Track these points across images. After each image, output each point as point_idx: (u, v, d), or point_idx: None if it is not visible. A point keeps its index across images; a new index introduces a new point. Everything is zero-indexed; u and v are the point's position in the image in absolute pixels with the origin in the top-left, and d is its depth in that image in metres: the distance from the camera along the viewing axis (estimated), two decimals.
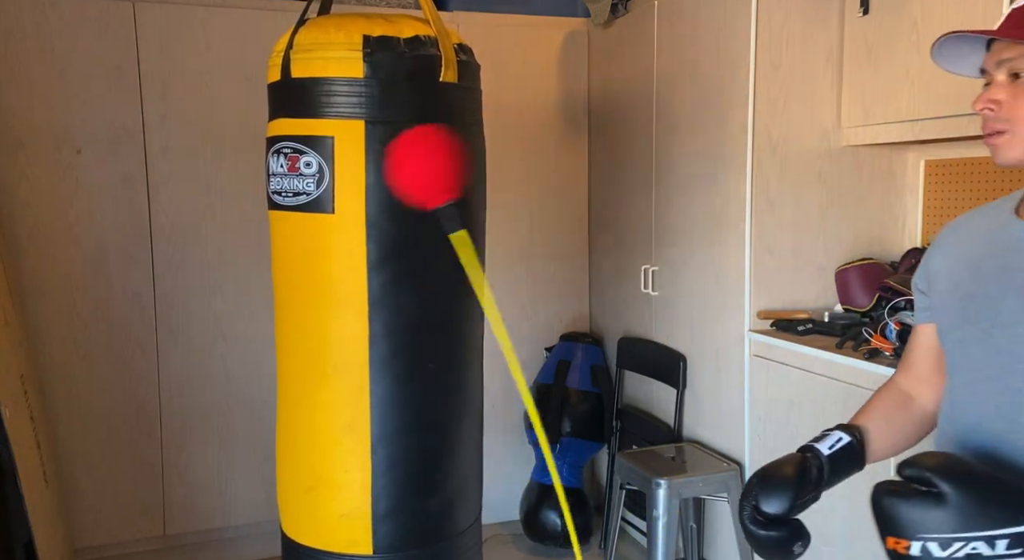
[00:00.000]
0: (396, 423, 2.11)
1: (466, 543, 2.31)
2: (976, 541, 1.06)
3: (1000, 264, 1.37)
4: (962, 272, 1.45)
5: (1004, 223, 1.41)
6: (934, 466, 1.11)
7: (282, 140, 2.05)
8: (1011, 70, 1.29)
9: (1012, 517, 1.07)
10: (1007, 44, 1.30)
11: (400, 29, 2.01)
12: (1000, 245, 1.39)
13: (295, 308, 2.14)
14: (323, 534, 2.17)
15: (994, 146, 1.33)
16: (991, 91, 1.32)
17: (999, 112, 1.30)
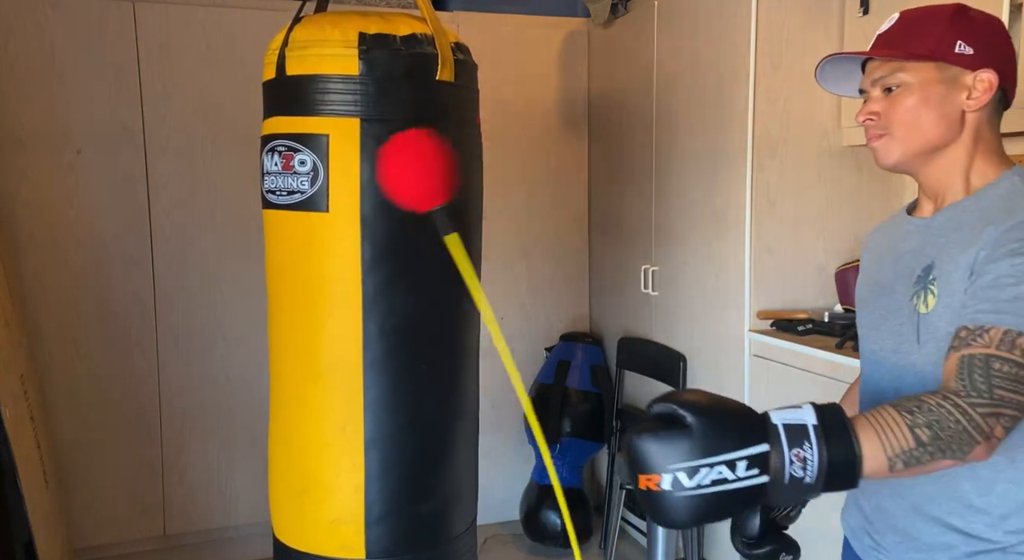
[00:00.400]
0: (390, 425, 2.09)
1: (461, 548, 2.28)
2: (720, 466, 1.09)
3: (893, 254, 1.55)
4: (871, 265, 1.64)
5: (898, 219, 1.61)
6: (677, 400, 1.14)
7: (276, 138, 2.03)
8: (884, 86, 1.45)
9: (747, 439, 1.11)
10: (878, 63, 1.46)
11: (396, 27, 2.00)
12: (894, 236, 1.58)
13: (289, 308, 2.12)
14: (315, 538, 2.15)
15: (876, 149, 1.48)
16: (870, 104, 1.47)
17: (878, 121, 1.46)
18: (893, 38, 1.46)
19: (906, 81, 1.43)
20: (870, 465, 1.15)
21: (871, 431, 1.17)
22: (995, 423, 1.19)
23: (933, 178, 1.47)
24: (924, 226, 1.49)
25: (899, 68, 1.43)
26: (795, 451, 1.12)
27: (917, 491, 1.44)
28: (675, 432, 1.11)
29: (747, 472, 1.10)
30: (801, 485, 1.12)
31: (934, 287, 1.39)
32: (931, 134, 1.43)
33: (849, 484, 1.16)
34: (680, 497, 1.10)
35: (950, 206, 1.45)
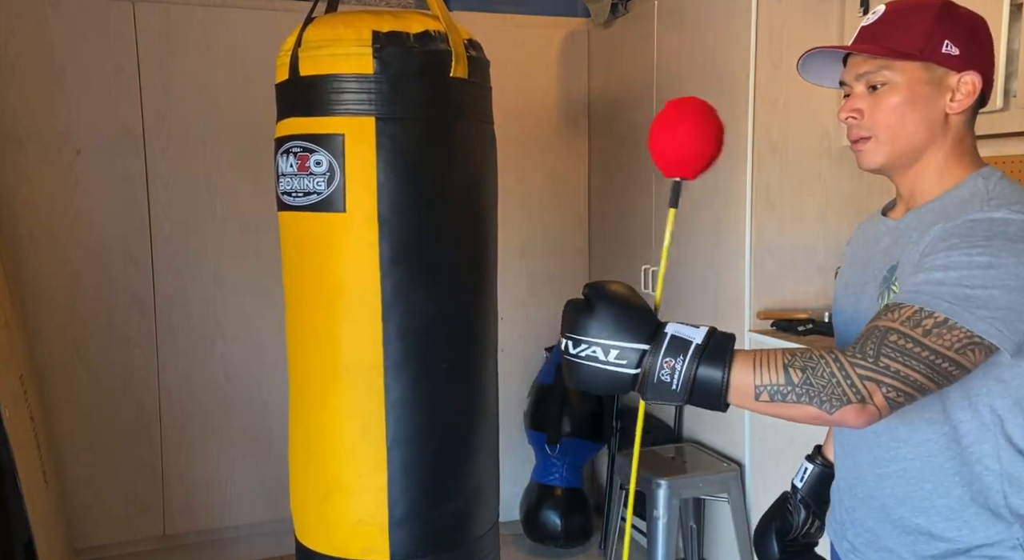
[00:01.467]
0: (411, 426, 2.09)
1: (484, 548, 2.28)
2: (595, 346, 1.30)
3: (866, 255, 1.55)
4: (846, 265, 1.65)
5: (874, 220, 1.60)
6: (595, 287, 1.37)
7: (291, 140, 2.03)
8: (868, 83, 1.43)
9: (629, 336, 1.29)
10: (863, 59, 1.44)
11: (409, 24, 2.00)
12: (868, 237, 1.58)
13: (307, 310, 2.12)
14: (338, 541, 2.14)
15: (860, 151, 1.46)
16: (853, 101, 1.45)
17: (861, 120, 1.44)
18: (879, 32, 1.43)
19: (892, 80, 1.41)
20: (736, 390, 1.27)
21: (748, 361, 1.27)
22: (874, 388, 1.23)
23: (909, 180, 1.46)
24: (894, 228, 1.49)
25: (886, 65, 1.41)
26: (667, 359, 1.27)
27: (886, 493, 1.47)
28: (580, 310, 1.35)
29: (616, 360, 1.29)
30: (668, 390, 1.28)
31: (895, 287, 1.40)
32: (915, 137, 1.42)
33: (715, 403, 1.29)
34: (567, 359, 1.35)
35: (918, 208, 1.45)
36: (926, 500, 1.41)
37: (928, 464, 1.41)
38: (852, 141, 1.46)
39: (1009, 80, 2.39)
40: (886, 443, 1.45)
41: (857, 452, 1.52)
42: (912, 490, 1.43)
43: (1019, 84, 2.36)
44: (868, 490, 1.50)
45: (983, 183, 1.41)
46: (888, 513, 1.46)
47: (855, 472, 1.54)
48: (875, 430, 1.41)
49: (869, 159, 1.45)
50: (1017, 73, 2.37)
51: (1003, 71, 2.38)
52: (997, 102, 2.39)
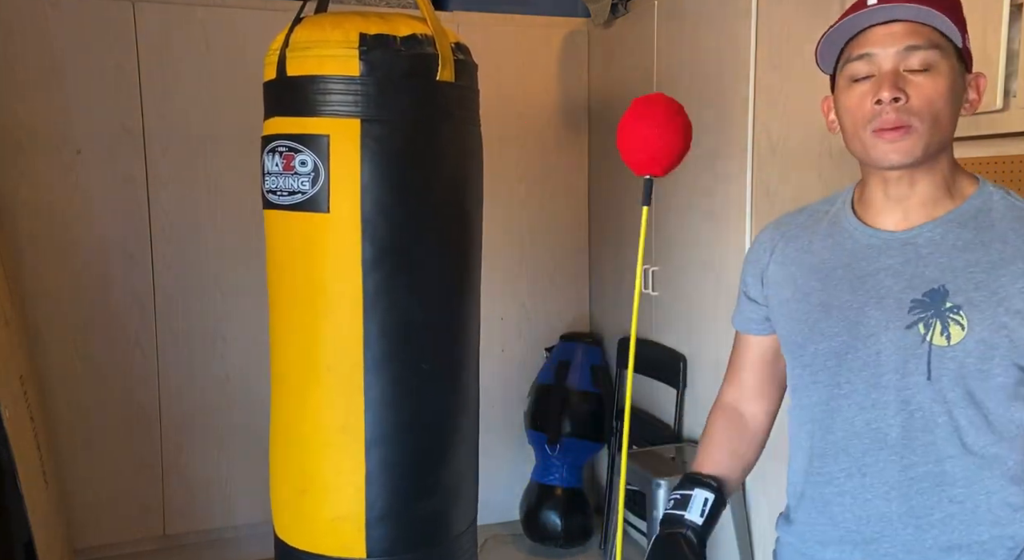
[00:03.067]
0: (391, 424, 2.09)
1: (461, 547, 2.29)
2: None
3: (851, 271, 1.34)
4: (810, 281, 1.39)
5: (845, 228, 1.38)
6: None
7: (277, 139, 2.04)
8: (921, 61, 1.24)
9: None
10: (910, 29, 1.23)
11: (397, 27, 2.01)
12: (846, 250, 1.36)
13: (289, 308, 2.13)
14: (316, 537, 2.16)
15: (895, 142, 1.24)
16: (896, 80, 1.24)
17: (905, 103, 1.23)
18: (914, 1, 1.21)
19: (938, 63, 1.22)
20: None
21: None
22: None
23: (920, 182, 1.29)
24: (900, 241, 1.30)
25: (936, 43, 1.22)
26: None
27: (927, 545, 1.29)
28: None
29: None
30: None
31: (959, 317, 1.21)
32: (945, 133, 1.25)
33: None
34: None
35: (936, 220, 1.28)
36: (977, 537, 1.26)
37: (982, 501, 1.26)
38: (881, 130, 1.24)
39: (1009, 80, 2.36)
40: (928, 489, 1.27)
41: (880, 502, 1.31)
42: (962, 534, 1.27)
43: (1019, 84, 2.34)
44: (901, 544, 1.30)
45: (1003, 194, 1.29)
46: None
47: (876, 525, 1.32)
48: (912, 475, 1.27)
49: (907, 151, 1.23)
50: (1017, 73, 2.35)
51: (1003, 71, 2.36)
52: (997, 102, 2.37)
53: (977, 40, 2.39)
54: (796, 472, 1.46)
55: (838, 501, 1.36)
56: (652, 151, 2.10)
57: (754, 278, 1.52)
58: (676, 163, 2.12)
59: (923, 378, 1.25)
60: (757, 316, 1.54)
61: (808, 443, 1.42)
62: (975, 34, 2.38)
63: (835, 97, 1.34)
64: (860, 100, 1.26)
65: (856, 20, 1.25)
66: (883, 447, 1.29)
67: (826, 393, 1.37)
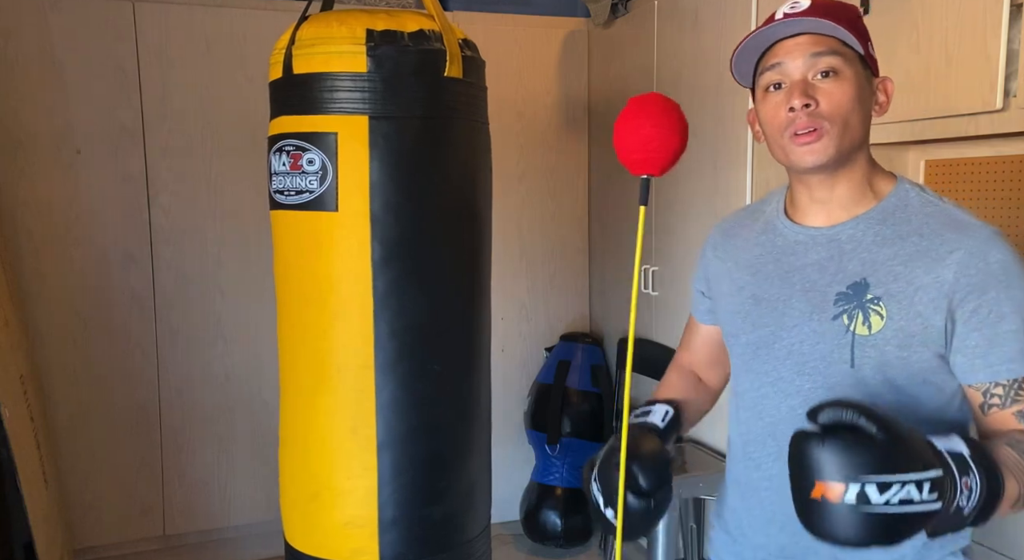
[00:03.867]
0: (402, 427, 2.07)
1: (475, 551, 2.27)
2: (910, 485, 1.01)
3: (780, 266, 1.42)
4: (744, 276, 1.48)
5: (776, 226, 1.46)
6: (859, 408, 1.05)
7: (284, 138, 2.03)
8: (827, 67, 1.29)
9: (927, 461, 1.04)
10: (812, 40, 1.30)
11: (404, 23, 2.00)
12: (776, 247, 1.44)
13: (298, 309, 2.11)
14: (327, 543, 2.13)
15: (808, 144, 1.30)
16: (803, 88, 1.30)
17: (815, 108, 1.29)
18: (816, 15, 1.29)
19: (842, 68, 1.29)
20: (1006, 500, 1.13)
21: (1007, 472, 1.13)
22: None
23: (840, 184, 1.36)
24: (825, 237, 1.38)
25: (838, 50, 1.29)
26: (964, 480, 1.06)
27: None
28: (862, 440, 1.03)
29: (928, 495, 1.03)
30: (960, 516, 1.08)
31: (879, 307, 1.29)
32: (857, 135, 1.32)
33: (985, 520, 1.12)
34: (862, 513, 1.02)
35: (858, 217, 1.35)
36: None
37: None
38: (797, 135, 1.30)
39: (1009, 80, 2.37)
40: None
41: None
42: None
43: (1019, 84, 2.35)
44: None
45: (918, 191, 1.36)
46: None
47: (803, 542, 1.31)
48: None
49: (821, 152, 1.30)
50: (1017, 73, 2.35)
51: (1003, 71, 2.36)
52: (997, 102, 2.38)
53: (977, 40, 2.41)
54: (731, 459, 1.55)
55: (765, 485, 1.43)
56: (649, 151, 2.10)
57: (701, 272, 1.64)
58: (673, 162, 2.13)
59: (847, 366, 1.32)
60: (704, 307, 1.65)
61: (741, 430, 1.50)
62: (975, 34, 2.41)
63: (755, 108, 1.40)
64: (775, 109, 1.33)
65: (765, 34, 1.33)
66: None
67: (756, 381, 1.45)
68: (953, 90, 2.51)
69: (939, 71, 2.57)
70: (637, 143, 2.17)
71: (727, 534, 1.55)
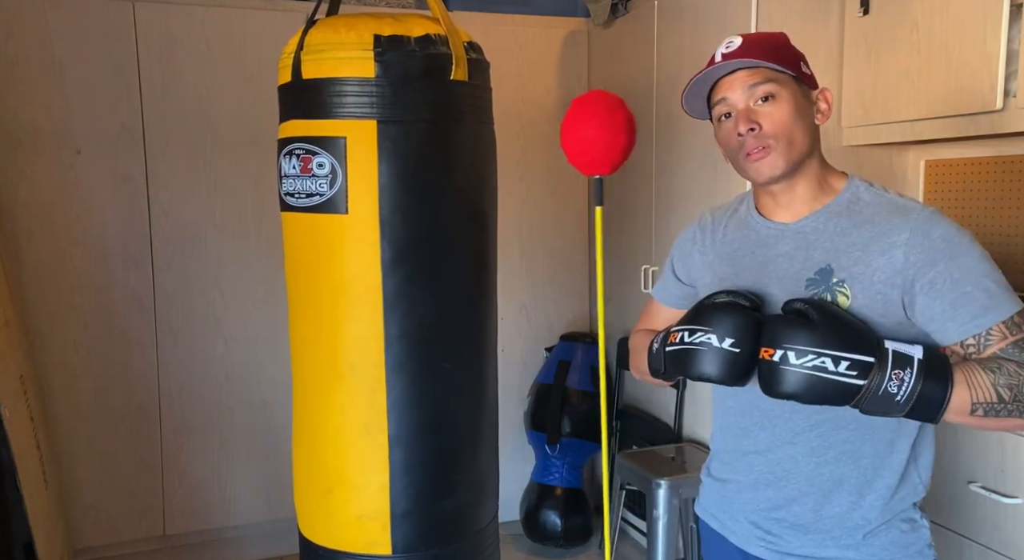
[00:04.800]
0: (413, 423, 2.11)
1: (484, 541, 2.31)
2: (825, 357, 1.35)
3: (756, 257, 1.61)
4: (724, 267, 1.68)
5: (750, 222, 1.66)
6: (811, 301, 1.43)
7: (294, 142, 2.04)
8: (762, 94, 1.51)
9: (856, 348, 1.36)
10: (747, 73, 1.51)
11: (410, 28, 2.01)
12: (750, 241, 1.64)
13: (309, 309, 2.13)
14: (341, 535, 2.18)
15: (760, 161, 1.51)
16: (747, 114, 1.51)
17: (761, 131, 1.50)
18: (748, 54, 1.50)
19: (779, 92, 1.50)
20: (954, 407, 1.36)
21: (962, 379, 1.37)
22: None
23: (791, 188, 1.55)
24: (792, 230, 1.57)
25: (771, 77, 1.50)
26: (896, 371, 1.34)
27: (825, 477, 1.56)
28: (800, 322, 1.39)
29: (847, 371, 1.34)
30: (891, 401, 1.35)
31: (843, 289, 1.48)
32: (803, 145, 1.51)
33: (930, 416, 1.38)
34: (783, 369, 1.37)
35: (819, 211, 1.55)
36: (864, 475, 1.54)
37: (867, 440, 1.53)
38: (748, 154, 1.51)
39: (1009, 80, 2.39)
40: (826, 432, 1.54)
41: (788, 446, 1.58)
42: (851, 469, 1.54)
43: (1019, 84, 2.36)
44: (804, 478, 1.57)
45: (866, 186, 1.56)
46: (826, 496, 1.56)
47: (785, 465, 1.59)
48: (813, 421, 1.55)
49: (772, 166, 1.51)
50: (1017, 73, 2.37)
51: (1003, 71, 2.38)
52: (997, 102, 2.39)
53: (977, 40, 2.42)
54: (717, 429, 1.76)
55: (752, 449, 1.64)
56: (597, 153, 2.15)
57: (682, 263, 1.82)
58: (622, 160, 2.16)
59: None
60: (681, 294, 1.83)
61: (727, 403, 1.70)
62: (975, 34, 2.42)
63: (715, 135, 1.62)
64: (728, 135, 1.55)
65: (708, 74, 1.54)
66: (778, 406, 1.56)
67: None
68: (953, 90, 2.53)
69: (939, 71, 2.59)
70: (583, 146, 2.23)
71: (720, 493, 1.75)
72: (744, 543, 1.67)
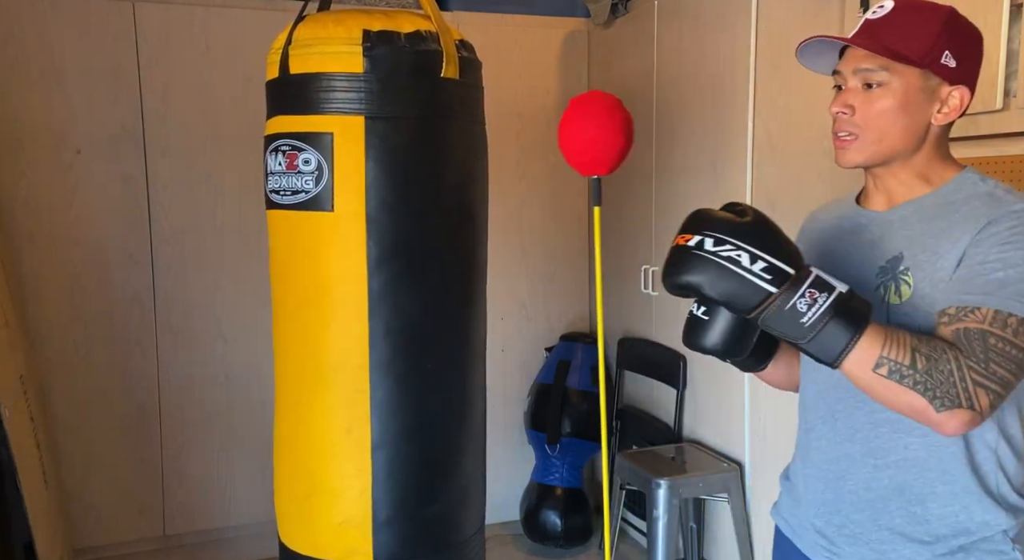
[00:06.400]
0: (396, 427, 2.07)
1: (470, 551, 2.27)
2: (743, 251, 1.25)
3: (843, 244, 1.56)
4: (814, 255, 1.60)
5: (846, 211, 1.60)
6: (751, 207, 1.33)
7: (280, 138, 2.03)
8: (865, 80, 1.42)
9: (781, 256, 1.26)
10: (864, 54, 1.42)
11: (400, 24, 2.00)
12: (843, 229, 1.58)
13: (293, 309, 2.11)
14: (321, 542, 2.13)
15: (842, 148, 1.46)
16: (846, 95, 1.45)
17: (851, 116, 1.44)
18: (883, 29, 1.41)
19: (889, 81, 1.40)
20: (860, 352, 1.26)
21: (880, 331, 1.27)
22: (983, 394, 1.25)
23: (890, 177, 1.48)
24: (881, 219, 1.50)
25: (885, 65, 1.40)
26: (811, 290, 1.25)
27: (883, 483, 1.46)
28: (732, 217, 1.30)
29: (760, 272, 1.25)
30: (796, 320, 1.25)
31: (907, 277, 1.40)
32: (899, 142, 1.43)
33: (830, 356, 1.27)
34: (696, 254, 1.28)
35: (911, 201, 1.47)
36: (927, 487, 1.42)
37: (934, 451, 1.41)
38: (836, 135, 1.46)
39: (1009, 80, 2.37)
40: (887, 434, 1.44)
41: (847, 443, 1.50)
42: (914, 478, 1.43)
43: (1019, 84, 2.34)
44: (861, 482, 1.48)
45: (979, 180, 1.44)
46: (885, 504, 1.46)
47: (843, 464, 1.51)
48: (874, 420, 1.45)
49: (851, 157, 1.45)
50: (1017, 73, 2.35)
51: (1003, 71, 2.36)
52: (997, 102, 2.37)
53: None
54: (798, 426, 1.67)
55: (815, 445, 1.57)
56: (595, 152, 2.13)
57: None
58: (621, 160, 2.15)
59: None
60: None
61: (802, 397, 1.64)
62: None
63: None
64: (832, 107, 1.47)
65: (832, 42, 1.47)
66: (851, 395, 1.46)
67: None
68: None
69: None
70: (582, 146, 2.21)
71: (791, 496, 1.66)
72: (810, 551, 1.59)
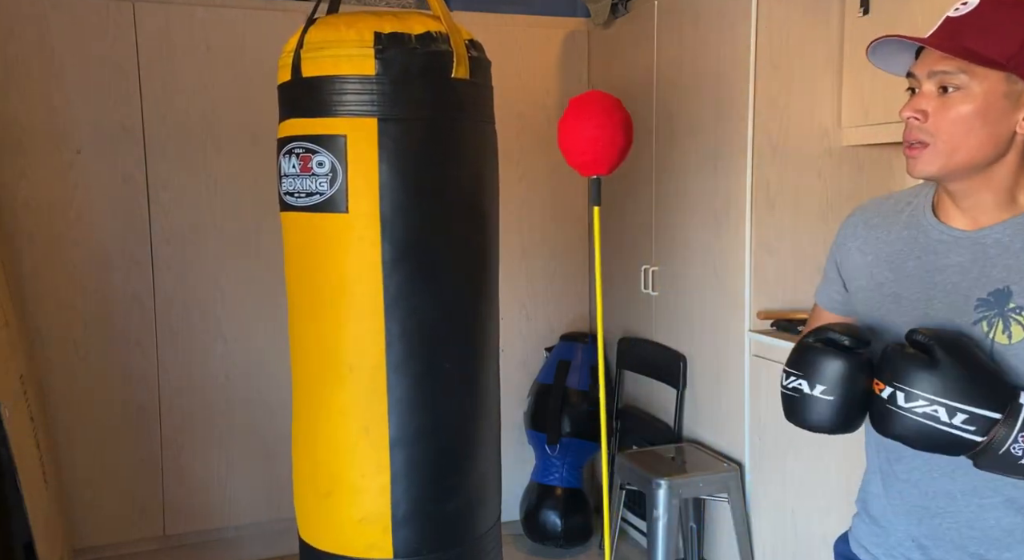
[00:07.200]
0: (414, 425, 2.09)
1: (486, 546, 2.29)
2: (939, 406, 1.20)
3: (922, 264, 1.40)
4: (884, 271, 1.46)
5: (921, 222, 1.43)
6: (938, 335, 1.24)
7: (294, 140, 2.04)
8: (941, 83, 1.29)
9: (981, 401, 1.19)
10: (940, 56, 1.29)
11: (411, 26, 2.01)
12: (920, 245, 1.42)
13: (310, 310, 2.13)
14: (341, 539, 2.16)
15: (913, 157, 1.32)
16: (919, 100, 1.31)
17: (924, 123, 1.30)
18: (965, 29, 1.28)
19: (968, 86, 1.27)
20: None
21: None
22: None
23: (971, 192, 1.33)
24: (970, 240, 1.35)
25: (965, 69, 1.26)
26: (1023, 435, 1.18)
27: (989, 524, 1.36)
28: (919, 362, 1.22)
29: (962, 424, 1.19)
30: (1016, 464, 1.20)
31: (1021, 318, 1.26)
32: (977, 152, 1.29)
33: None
34: (892, 410, 1.24)
35: (1004, 223, 1.32)
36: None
37: None
38: (906, 142, 1.33)
39: None
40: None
41: (945, 480, 1.38)
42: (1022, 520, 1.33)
43: None
44: (964, 520, 1.37)
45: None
46: (989, 546, 1.35)
47: (940, 501, 1.39)
48: None
49: (922, 167, 1.31)
50: None
51: None
52: None
53: None
54: (870, 447, 1.55)
55: (904, 477, 1.44)
56: (596, 152, 2.13)
57: (844, 261, 1.57)
58: (620, 160, 2.15)
59: None
60: (839, 298, 1.61)
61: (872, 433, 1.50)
62: None
63: None
64: (904, 112, 1.34)
65: (905, 42, 1.33)
66: None
67: None
68: None
69: None
70: (582, 146, 2.20)
71: (870, 520, 1.55)
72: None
